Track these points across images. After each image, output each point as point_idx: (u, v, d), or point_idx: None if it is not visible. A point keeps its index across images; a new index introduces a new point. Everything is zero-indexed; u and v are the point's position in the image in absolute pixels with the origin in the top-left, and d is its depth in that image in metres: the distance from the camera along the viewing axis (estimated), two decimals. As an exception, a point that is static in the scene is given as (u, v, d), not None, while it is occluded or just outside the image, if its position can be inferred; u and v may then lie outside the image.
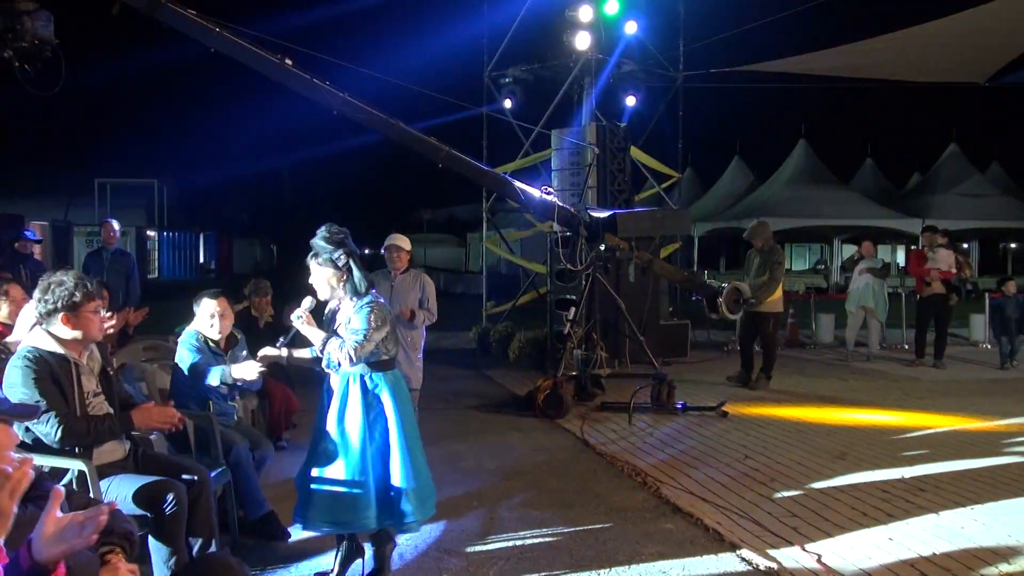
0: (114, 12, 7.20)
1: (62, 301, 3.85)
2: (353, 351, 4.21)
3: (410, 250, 7.31)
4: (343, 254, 4.29)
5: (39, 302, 3.89)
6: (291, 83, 7.96)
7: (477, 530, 5.31)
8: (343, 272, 4.32)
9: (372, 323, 4.25)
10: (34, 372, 3.76)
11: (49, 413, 3.70)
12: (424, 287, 7.19)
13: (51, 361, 3.84)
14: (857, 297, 12.90)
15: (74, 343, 3.94)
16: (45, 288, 3.89)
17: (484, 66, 14.40)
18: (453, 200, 56.69)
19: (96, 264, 9.88)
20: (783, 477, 6.41)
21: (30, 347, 3.88)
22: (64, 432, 3.72)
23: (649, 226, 10.08)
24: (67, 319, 3.87)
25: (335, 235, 4.33)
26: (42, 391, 3.74)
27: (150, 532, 3.78)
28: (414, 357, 7.15)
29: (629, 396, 8.74)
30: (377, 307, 4.31)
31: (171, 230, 41.51)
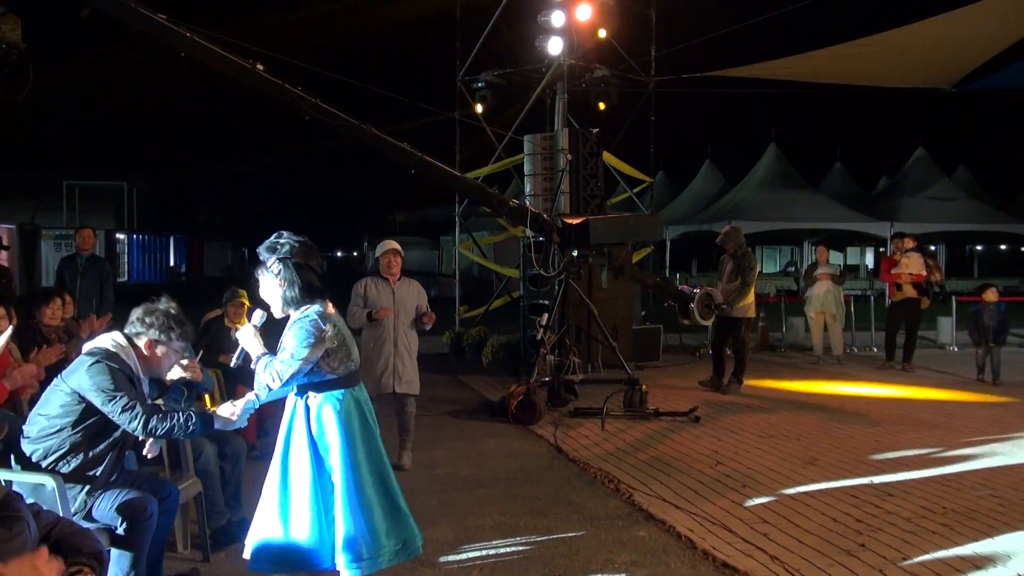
0: (83, 16, 7.11)
1: (157, 327, 4.06)
2: (277, 372, 3.85)
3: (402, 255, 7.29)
4: (275, 262, 3.98)
5: (136, 323, 4.08)
6: (263, 88, 7.90)
7: (451, 539, 5.31)
8: (281, 282, 3.98)
9: (304, 341, 3.86)
10: (114, 371, 3.87)
11: (134, 403, 3.81)
12: (422, 293, 7.24)
13: (128, 362, 3.99)
14: (818, 302, 13.06)
15: (141, 365, 4.09)
16: (148, 310, 4.09)
17: (456, 71, 14.39)
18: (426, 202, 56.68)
19: (70, 271, 9.77)
20: (754, 483, 6.46)
21: (107, 349, 3.96)
22: (146, 422, 3.81)
23: (622, 232, 10.10)
24: (151, 344, 4.08)
25: (272, 243, 4.03)
26: (124, 387, 3.86)
27: (114, 544, 3.74)
28: (414, 363, 7.17)
29: (602, 402, 8.78)
30: (315, 323, 3.91)
31: (140, 233, 41.12)
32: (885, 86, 17.11)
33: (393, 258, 7.11)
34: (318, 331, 3.89)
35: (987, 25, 13.42)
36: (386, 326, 7.03)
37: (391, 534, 4.00)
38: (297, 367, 3.85)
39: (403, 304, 7.09)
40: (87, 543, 2.89)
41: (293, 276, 3.94)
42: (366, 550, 3.87)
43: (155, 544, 3.89)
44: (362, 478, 3.93)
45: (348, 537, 3.86)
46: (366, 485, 3.94)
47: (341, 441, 3.92)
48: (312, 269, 4.00)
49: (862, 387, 10.99)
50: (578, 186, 11.04)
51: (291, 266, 3.94)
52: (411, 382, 7.11)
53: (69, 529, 2.98)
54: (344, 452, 3.91)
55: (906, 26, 13.67)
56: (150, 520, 3.73)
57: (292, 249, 3.98)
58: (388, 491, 4.04)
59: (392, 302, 7.05)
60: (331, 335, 3.94)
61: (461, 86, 14.34)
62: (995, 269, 41.08)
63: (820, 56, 14.59)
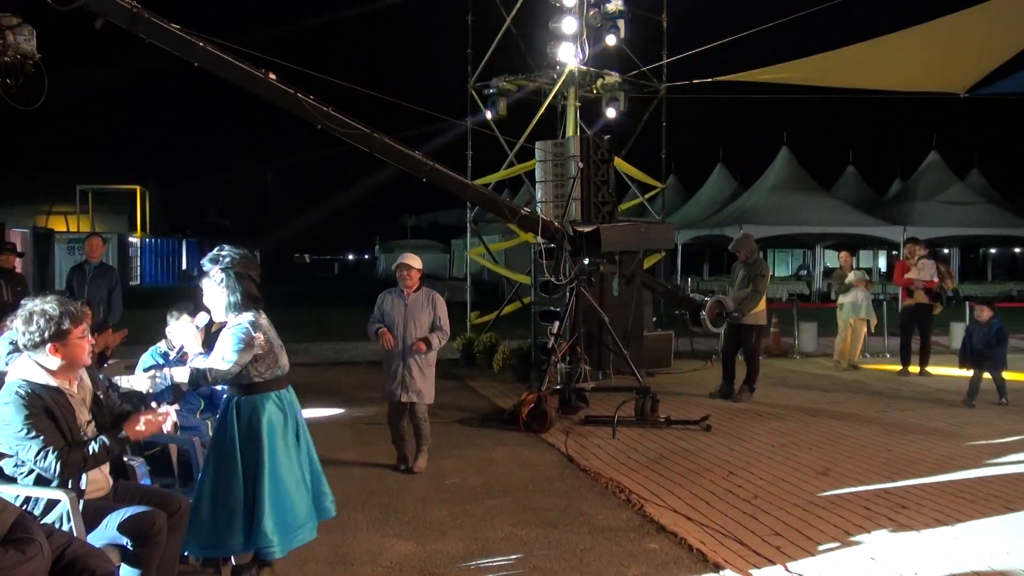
0: (97, 27, 7.14)
1: (49, 331, 3.75)
2: (208, 371, 4.35)
3: (421, 269, 7.30)
4: (218, 271, 4.42)
5: (23, 334, 3.77)
6: (274, 97, 7.92)
7: (461, 552, 5.30)
8: (223, 290, 4.42)
9: (235, 346, 4.32)
10: (27, 408, 3.65)
11: (47, 448, 3.61)
12: (435, 305, 7.19)
13: (43, 395, 3.74)
14: (857, 309, 13.06)
15: (64, 371, 3.86)
16: (27, 319, 3.77)
17: (468, 78, 14.41)
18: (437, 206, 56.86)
19: (79, 278, 9.84)
20: (766, 494, 6.43)
21: (20, 380, 3.76)
22: (63, 467, 3.64)
23: (633, 240, 10.11)
24: (55, 349, 3.78)
25: (215, 255, 4.49)
26: (37, 427, 3.64)
27: (125, 560, 3.74)
28: (428, 373, 7.20)
29: (613, 410, 8.76)
30: (247, 330, 4.35)
31: (153, 236, 41.28)
32: (898, 91, 17.02)
33: (406, 272, 7.18)
34: (249, 338, 4.35)
35: (1001, 28, 13.35)
36: (396, 337, 7.12)
37: (303, 519, 4.49)
38: (228, 368, 4.34)
39: (414, 316, 7.12)
40: (100, 564, 2.90)
41: (234, 284, 4.42)
42: (280, 536, 4.34)
43: (167, 559, 3.89)
44: (279, 474, 4.38)
45: (266, 527, 4.30)
46: (283, 480, 4.38)
47: (264, 439, 4.36)
48: (251, 279, 4.51)
49: (876, 395, 10.93)
50: (589, 192, 11.02)
51: (232, 275, 4.42)
52: (420, 392, 7.15)
53: (82, 550, 3.00)
54: (267, 449, 4.35)
55: (918, 26, 13.61)
56: (159, 536, 3.72)
57: (233, 260, 4.46)
58: (299, 483, 4.51)
59: (404, 315, 7.11)
60: (261, 342, 4.41)
61: (473, 93, 14.36)
62: (1009, 273, 40.90)
63: (831, 59, 14.55)
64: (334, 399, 10.71)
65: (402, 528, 5.75)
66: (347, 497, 6.44)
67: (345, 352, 15.21)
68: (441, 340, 7.17)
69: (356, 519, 5.93)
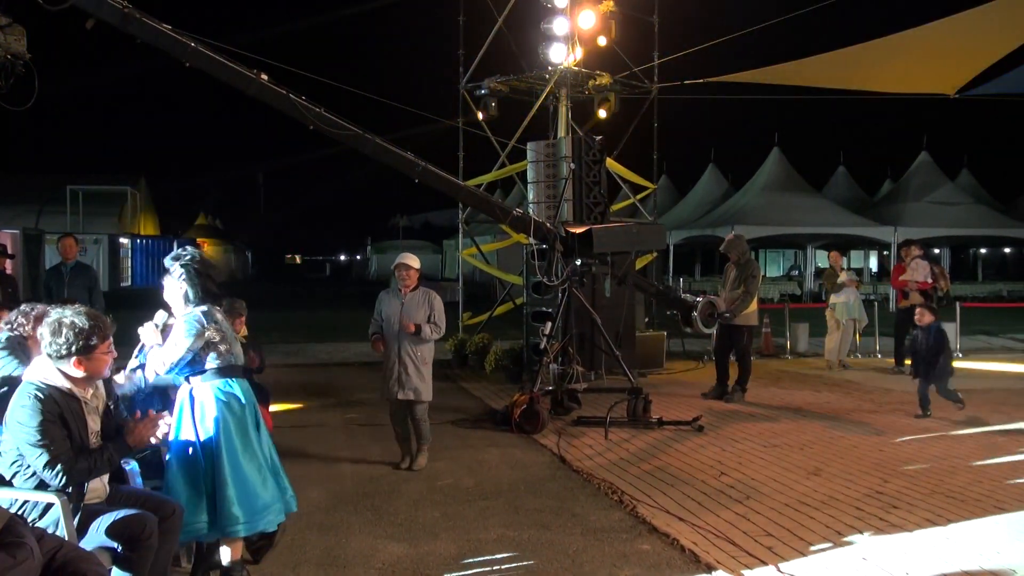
0: (88, 27, 7.12)
1: (76, 345, 3.77)
2: (164, 358, 4.53)
3: (419, 268, 7.37)
4: (178, 267, 4.65)
5: (50, 344, 3.78)
6: (266, 98, 7.91)
7: (453, 553, 5.30)
8: (182, 285, 4.62)
9: (187, 333, 4.50)
10: (43, 412, 3.66)
11: (56, 459, 3.62)
12: (432, 304, 7.24)
13: (59, 400, 3.75)
14: (848, 309, 13.12)
15: (83, 381, 3.89)
16: (56, 329, 3.77)
17: (459, 78, 14.40)
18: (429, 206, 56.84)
19: (56, 280, 9.76)
20: (758, 495, 6.44)
21: (40, 383, 3.77)
22: (68, 478, 3.65)
23: (625, 241, 10.12)
24: (79, 362, 3.79)
25: (177, 253, 4.74)
26: (50, 435, 3.65)
27: (116, 563, 3.73)
28: (424, 372, 7.25)
29: (606, 411, 8.77)
30: (198, 319, 4.54)
31: (144, 237, 41.14)
32: (888, 92, 17.09)
33: (403, 272, 7.24)
34: (201, 326, 4.54)
35: (991, 29, 13.41)
36: (391, 336, 7.22)
37: (268, 502, 4.56)
38: (180, 354, 4.51)
39: (409, 315, 7.16)
40: (91, 568, 2.89)
41: (193, 280, 4.62)
42: (244, 515, 4.42)
43: (159, 563, 3.88)
44: (237, 455, 4.48)
45: (229, 506, 4.39)
46: (242, 461, 4.49)
47: (220, 422, 4.49)
48: (209, 276, 4.72)
49: (868, 395, 10.96)
50: (581, 193, 11.04)
51: (191, 271, 4.63)
52: (416, 390, 7.20)
53: (74, 554, 2.98)
54: (222, 431, 4.47)
55: (908, 30, 13.67)
56: (150, 540, 3.71)
57: (193, 258, 4.70)
58: (261, 466, 4.60)
59: (399, 313, 7.17)
60: (212, 330, 4.58)
61: (464, 93, 14.35)
62: (999, 273, 41.06)
63: (823, 62, 14.59)
64: (327, 400, 10.71)
65: (395, 530, 5.75)
66: (339, 498, 6.45)
67: (338, 353, 15.17)
68: (433, 332, 7.21)
69: (348, 521, 5.92)
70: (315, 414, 9.79)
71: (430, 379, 7.34)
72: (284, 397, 10.27)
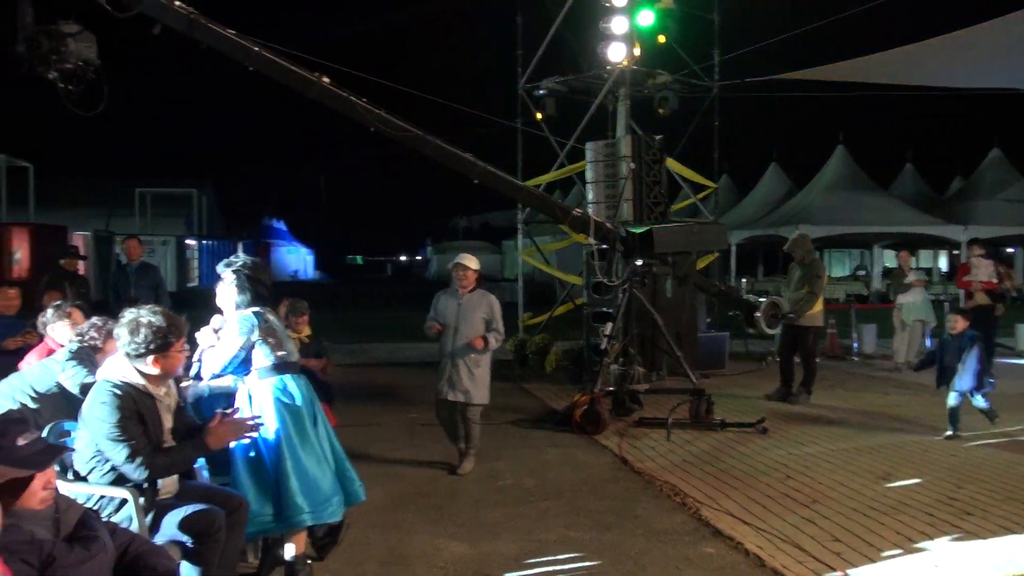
0: (155, 32, 7.28)
1: (154, 344, 3.86)
2: (220, 356, 4.69)
3: (478, 270, 7.30)
4: (231, 274, 4.78)
5: (128, 343, 3.87)
6: (327, 100, 8.01)
7: (515, 553, 5.28)
8: (235, 290, 4.77)
9: (239, 331, 4.66)
10: (121, 409, 3.76)
11: (136, 453, 3.70)
12: (491, 308, 7.19)
13: (136, 397, 3.85)
14: (917, 310, 12.81)
15: (158, 379, 3.98)
16: (134, 329, 3.86)
17: (518, 79, 14.40)
18: (488, 207, 56.97)
19: (122, 280, 10.09)
20: (825, 499, 6.31)
21: (117, 380, 3.87)
22: (149, 471, 3.73)
23: (685, 241, 10.01)
24: (156, 360, 3.89)
25: (229, 260, 4.88)
26: (128, 431, 3.74)
27: (185, 557, 3.80)
28: (478, 374, 7.18)
29: (667, 412, 8.69)
30: (249, 318, 4.69)
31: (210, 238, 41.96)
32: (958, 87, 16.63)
33: (460, 272, 7.21)
34: (252, 325, 4.68)
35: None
36: (447, 336, 7.18)
37: (328, 493, 4.63)
38: (234, 352, 4.66)
39: (466, 317, 7.13)
40: (162, 562, 2.95)
41: (244, 285, 4.77)
42: (308, 505, 4.50)
43: (227, 556, 3.94)
44: (297, 448, 4.57)
45: (293, 497, 4.47)
46: (301, 454, 4.58)
47: (279, 415, 4.58)
48: (261, 282, 4.85)
49: (937, 397, 10.65)
50: (641, 193, 10.95)
51: (243, 278, 4.77)
52: (467, 392, 7.14)
53: (145, 547, 3.04)
54: (281, 424, 4.57)
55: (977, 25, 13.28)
56: (218, 534, 3.77)
57: (245, 265, 4.83)
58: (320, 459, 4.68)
59: (456, 314, 7.13)
60: (263, 329, 4.71)
61: (523, 94, 14.35)
62: (1075, 272, 39.64)
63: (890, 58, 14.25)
64: (388, 399, 10.80)
65: (456, 529, 5.76)
66: (401, 497, 6.48)
67: (399, 352, 15.30)
68: (496, 341, 7.16)
69: (410, 519, 5.95)
70: (377, 413, 9.87)
71: (485, 382, 7.27)
72: (346, 396, 10.33)
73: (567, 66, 13.99)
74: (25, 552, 2.59)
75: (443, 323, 7.21)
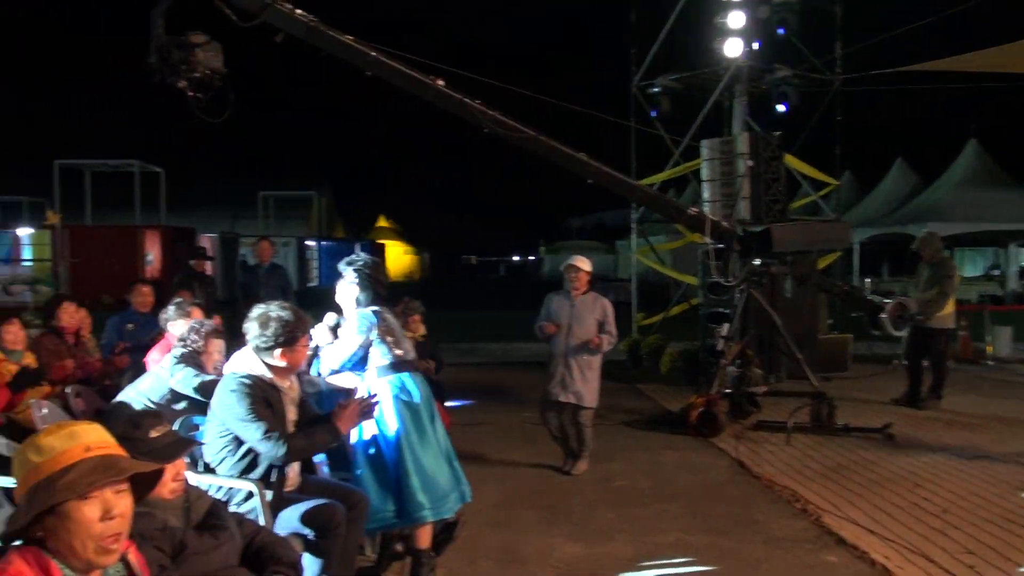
0: (278, 40, 7.51)
1: (282, 337, 4.00)
2: (339, 353, 4.81)
3: (590, 271, 7.25)
4: (352, 272, 4.91)
5: (257, 336, 4.02)
6: (443, 103, 8.10)
7: (630, 555, 5.23)
8: (354, 288, 4.90)
9: (358, 329, 4.78)
10: (250, 396, 3.91)
11: (272, 432, 3.85)
12: (604, 310, 7.12)
13: (264, 387, 4.00)
14: None
15: (283, 372, 4.11)
16: (264, 323, 4.02)
17: (631, 77, 14.27)
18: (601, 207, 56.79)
19: (252, 279, 10.52)
20: (957, 509, 6.01)
21: (245, 372, 4.04)
22: (288, 450, 3.86)
23: (806, 239, 9.71)
24: (283, 353, 4.03)
25: (351, 258, 5.01)
26: (259, 414, 3.89)
27: (307, 549, 3.90)
28: (590, 376, 7.12)
29: (787, 415, 8.45)
30: (368, 316, 4.81)
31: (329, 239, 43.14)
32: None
33: (573, 273, 7.17)
34: (371, 323, 4.80)
35: None
36: (559, 337, 7.13)
37: (446, 490, 4.73)
38: (352, 349, 4.79)
39: (578, 319, 7.08)
40: (286, 552, 3.03)
41: (365, 284, 4.90)
42: (429, 501, 4.59)
43: (346, 551, 4.02)
44: (416, 445, 4.66)
45: (414, 493, 4.56)
46: (421, 451, 4.67)
47: (397, 416, 4.67)
48: (380, 282, 4.98)
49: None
50: (759, 191, 10.69)
51: (364, 277, 4.91)
52: (579, 394, 7.08)
53: (270, 538, 3.14)
54: (401, 420, 4.66)
55: None
56: (339, 528, 3.86)
57: (366, 264, 4.97)
58: (438, 456, 4.77)
59: (568, 315, 7.10)
60: (381, 327, 4.83)
61: (636, 92, 14.21)
62: None
63: None
64: (501, 398, 10.85)
65: (571, 529, 5.73)
66: (515, 496, 6.50)
67: (513, 352, 15.38)
68: (609, 343, 7.09)
69: (525, 518, 5.97)
70: (490, 412, 9.94)
71: (596, 384, 7.20)
72: (459, 395, 10.47)
73: (682, 63, 13.78)
74: (158, 539, 2.70)
75: (556, 324, 7.19)
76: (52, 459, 2.10)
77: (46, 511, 2.06)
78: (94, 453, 2.13)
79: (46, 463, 2.09)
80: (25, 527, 2.07)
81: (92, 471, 2.09)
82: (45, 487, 2.06)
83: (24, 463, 2.13)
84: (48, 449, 2.11)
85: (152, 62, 6.92)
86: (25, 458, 2.13)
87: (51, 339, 6.66)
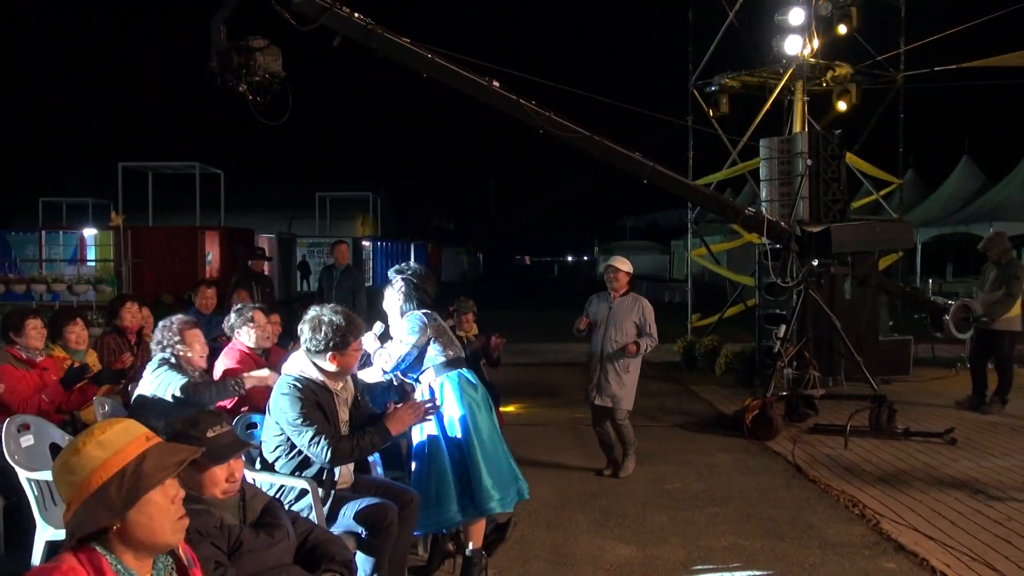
0: (335, 44, 7.61)
1: (333, 341, 4.05)
2: (392, 354, 4.83)
3: (630, 272, 7.21)
4: (400, 280, 4.96)
5: (309, 339, 4.08)
6: (498, 103, 8.14)
7: (682, 559, 5.19)
8: (400, 296, 4.94)
9: (410, 330, 4.80)
10: (302, 399, 3.98)
11: (320, 436, 3.90)
12: (643, 312, 7.05)
13: (315, 389, 4.06)
14: None
15: (335, 375, 4.17)
16: (315, 326, 4.08)
17: (689, 76, 14.15)
18: (656, 206, 56.38)
19: (328, 280, 10.90)
20: (1022, 516, 5.84)
21: (297, 375, 4.10)
22: (333, 452, 3.91)
23: (866, 240, 9.53)
24: (334, 357, 4.09)
25: (399, 267, 5.10)
26: (310, 417, 3.95)
27: (360, 548, 3.94)
28: (626, 379, 7.07)
29: (845, 419, 8.31)
30: (419, 317, 4.84)
31: (384, 240, 43.54)
32: None
33: (611, 274, 7.15)
34: (421, 323, 4.83)
35: None
36: (596, 339, 7.13)
37: (508, 482, 4.74)
38: (406, 350, 4.80)
39: (617, 321, 7.04)
40: (339, 551, 3.07)
41: (411, 292, 4.94)
42: (498, 492, 4.61)
43: (398, 550, 4.06)
44: (483, 437, 4.67)
45: (485, 482, 4.57)
46: (488, 443, 4.69)
47: (463, 407, 4.68)
48: (426, 291, 5.00)
49: None
50: (818, 191, 10.51)
51: (411, 285, 4.96)
52: (615, 397, 7.03)
53: (324, 536, 3.19)
54: (467, 415, 4.67)
55: None
56: (391, 527, 3.90)
57: (414, 272, 5.04)
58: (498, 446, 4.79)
59: (606, 317, 7.08)
60: (433, 328, 4.86)
61: (694, 91, 14.08)
62: None
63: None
64: (554, 399, 10.84)
65: (623, 531, 5.71)
66: (567, 498, 6.49)
67: (565, 353, 15.34)
68: (649, 346, 7.03)
69: (576, 520, 5.96)
70: (543, 413, 9.94)
71: (632, 387, 7.13)
72: (512, 395, 10.48)
73: (739, 61, 13.63)
74: (215, 536, 2.76)
75: (593, 323, 7.15)
76: (119, 452, 2.08)
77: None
78: (154, 441, 2.16)
79: (114, 457, 2.07)
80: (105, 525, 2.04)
81: (166, 455, 2.11)
82: (130, 479, 2.05)
83: (87, 461, 2.07)
84: (111, 443, 2.09)
85: (213, 67, 7.07)
86: (87, 456, 2.08)
87: (113, 338, 6.78)
